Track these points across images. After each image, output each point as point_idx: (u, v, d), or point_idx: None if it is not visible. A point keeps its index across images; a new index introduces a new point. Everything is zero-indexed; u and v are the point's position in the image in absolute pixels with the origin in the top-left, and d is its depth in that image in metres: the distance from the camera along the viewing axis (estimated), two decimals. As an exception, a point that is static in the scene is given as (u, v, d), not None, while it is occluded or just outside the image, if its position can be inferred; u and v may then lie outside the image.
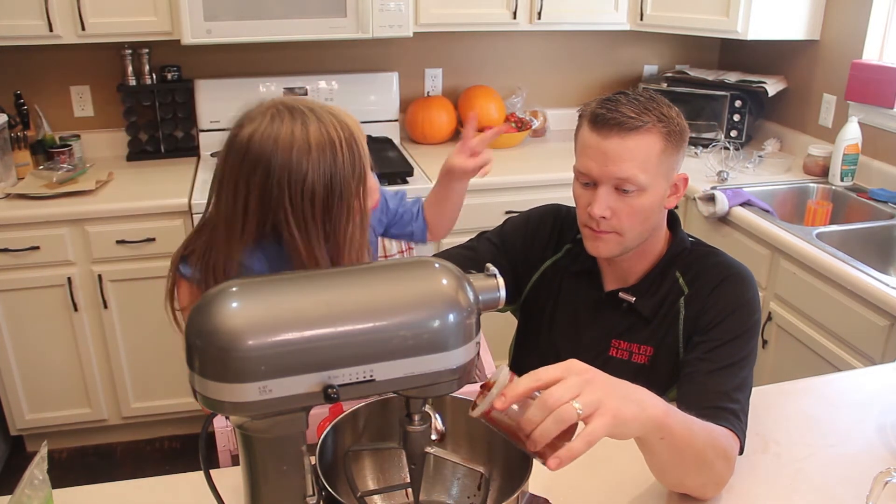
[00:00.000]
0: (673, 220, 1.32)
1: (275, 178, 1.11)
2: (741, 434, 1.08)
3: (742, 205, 2.37)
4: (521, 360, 1.49)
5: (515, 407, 0.79)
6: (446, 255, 1.41)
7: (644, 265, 1.29)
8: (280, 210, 1.13)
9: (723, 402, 1.09)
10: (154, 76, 2.73)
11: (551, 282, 1.38)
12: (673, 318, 1.26)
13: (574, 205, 1.29)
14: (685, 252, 1.29)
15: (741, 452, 1.09)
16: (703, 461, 0.98)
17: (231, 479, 0.85)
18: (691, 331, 1.24)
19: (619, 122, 1.15)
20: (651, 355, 1.28)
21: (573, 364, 0.84)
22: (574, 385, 0.80)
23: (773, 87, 2.84)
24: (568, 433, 0.79)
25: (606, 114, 1.16)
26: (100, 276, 2.39)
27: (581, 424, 0.80)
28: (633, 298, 1.28)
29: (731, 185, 2.53)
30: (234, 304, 0.68)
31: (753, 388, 1.33)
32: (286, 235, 1.15)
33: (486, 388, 0.81)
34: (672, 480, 1.04)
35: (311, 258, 1.15)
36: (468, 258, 1.39)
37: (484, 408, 0.79)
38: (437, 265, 0.76)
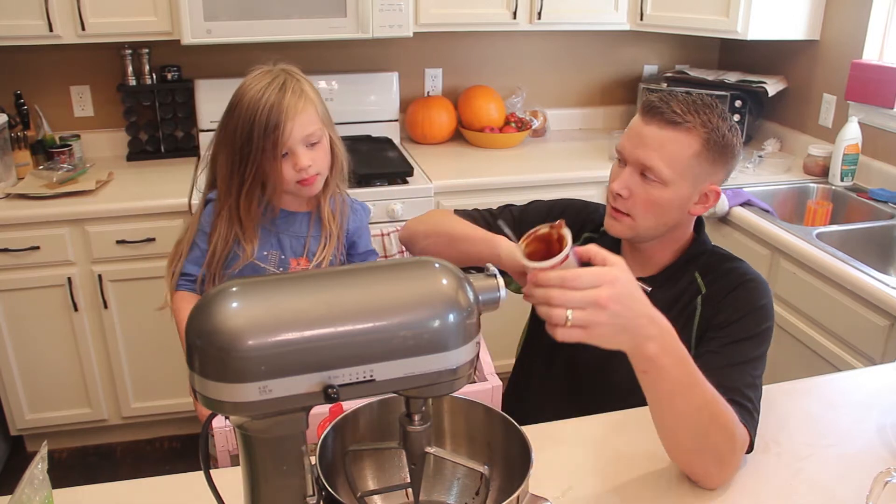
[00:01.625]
0: (699, 223, 1.35)
1: (226, 114, 1.40)
2: (752, 429, 1.08)
3: (742, 205, 2.37)
4: (533, 342, 1.50)
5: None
6: (465, 213, 1.45)
7: (664, 258, 1.32)
8: (218, 141, 1.42)
9: (735, 397, 1.09)
10: (154, 76, 2.73)
11: None
12: (689, 316, 1.27)
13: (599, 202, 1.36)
14: (706, 254, 1.32)
15: (750, 450, 1.09)
16: (697, 422, 0.99)
17: (231, 479, 0.84)
18: (705, 328, 1.25)
19: (662, 113, 1.19)
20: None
21: (608, 276, 0.90)
22: (583, 300, 0.88)
23: (773, 87, 2.84)
24: None
25: (656, 102, 1.20)
26: (100, 276, 2.39)
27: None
28: (650, 288, 1.28)
29: (731, 185, 2.53)
30: (234, 304, 0.68)
31: (753, 388, 1.33)
32: (217, 164, 1.43)
33: (537, 237, 0.95)
34: (669, 437, 1.04)
35: (222, 187, 1.43)
36: (484, 219, 1.44)
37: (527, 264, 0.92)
38: (437, 265, 0.76)
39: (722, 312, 1.23)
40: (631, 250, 1.34)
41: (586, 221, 1.43)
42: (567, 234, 0.92)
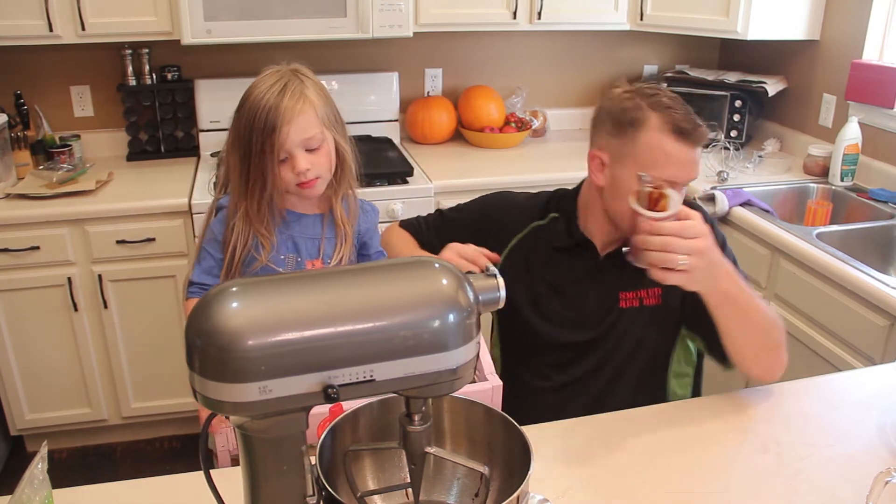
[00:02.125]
0: None
1: (235, 113, 1.40)
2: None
3: (742, 205, 2.37)
4: (508, 340, 1.53)
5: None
6: (408, 224, 1.61)
7: None
8: (230, 139, 1.41)
9: None
10: (154, 76, 2.73)
11: (518, 262, 1.46)
12: None
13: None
14: None
15: None
16: (763, 326, 1.27)
17: (231, 479, 0.85)
18: None
19: (702, 135, 1.30)
20: (661, 293, 1.40)
21: (703, 228, 1.13)
22: (691, 248, 1.11)
23: (773, 87, 2.84)
24: None
25: (692, 128, 1.29)
26: (100, 276, 2.39)
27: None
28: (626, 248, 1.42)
29: (731, 185, 2.53)
30: (234, 304, 0.68)
31: (753, 388, 1.35)
32: (227, 161, 1.43)
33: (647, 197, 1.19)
34: (745, 348, 1.29)
35: (233, 185, 1.42)
36: (422, 228, 1.58)
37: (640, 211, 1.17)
38: (437, 265, 0.76)
39: None
40: (608, 234, 1.43)
41: (551, 204, 1.50)
42: (670, 192, 1.18)
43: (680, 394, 1.48)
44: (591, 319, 1.41)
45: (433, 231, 1.56)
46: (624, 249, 1.31)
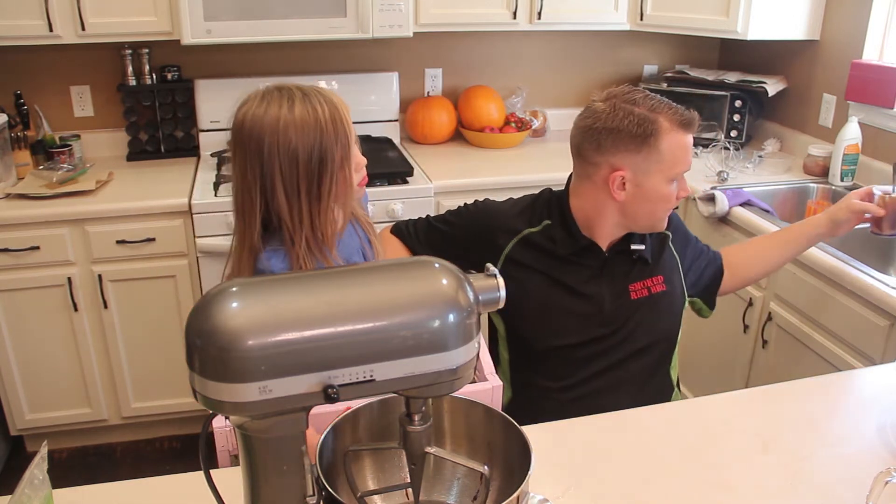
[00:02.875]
0: None
1: (266, 152, 1.19)
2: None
3: (742, 205, 2.37)
4: (519, 346, 1.53)
5: None
6: (398, 231, 1.61)
7: None
8: (272, 178, 1.20)
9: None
10: (154, 76, 2.73)
11: (519, 269, 1.47)
12: (670, 254, 1.54)
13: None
14: None
15: None
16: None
17: (231, 479, 0.85)
18: (688, 256, 1.59)
19: (696, 123, 1.39)
20: (664, 280, 1.50)
21: None
22: None
23: (773, 87, 2.84)
24: None
25: (690, 115, 1.37)
26: (100, 276, 2.39)
27: None
28: (643, 247, 1.49)
29: (731, 185, 2.53)
30: (234, 304, 0.68)
31: (753, 388, 1.36)
32: (276, 203, 1.22)
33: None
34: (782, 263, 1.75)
35: (292, 217, 1.22)
36: (411, 236, 1.58)
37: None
38: (437, 265, 0.76)
39: (681, 241, 1.58)
40: (617, 235, 1.48)
41: (539, 209, 1.52)
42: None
43: (673, 375, 1.58)
44: (609, 314, 1.47)
45: (424, 243, 1.57)
46: (871, 230, 1.74)
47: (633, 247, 1.47)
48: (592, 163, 1.40)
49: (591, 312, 1.47)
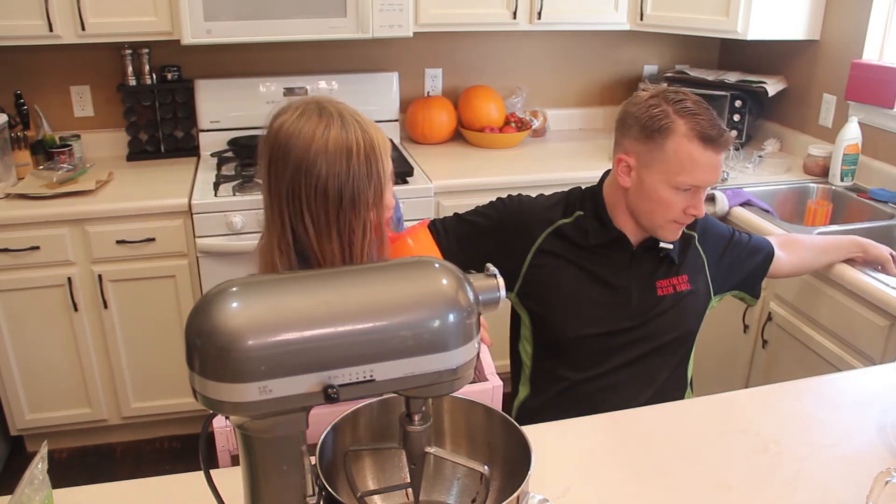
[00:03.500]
0: None
1: (292, 170, 1.12)
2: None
3: (742, 205, 2.37)
4: (546, 337, 1.56)
5: None
6: (433, 229, 1.57)
7: None
8: (298, 203, 1.14)
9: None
10: (154, 76, 2.73)
11: (550, 260, 1.51)
12: (696, 256, 1.56)
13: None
14: None
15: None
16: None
17: (231, 479, 0.85)
18: (719, 255, 1.60)
19: (728, 141, 1.38)
20: (689, 279, 1.53)
21: None
22: None
23: (773, 87, 2.84)
24: None
25: (719, 135, 1.36)
26: (100, 276, 2.39)
27: None
28: (671, 246, 1.51)
29: (731, 185, 2.53)
30: (234, 304, 0.68)
31: (753, 388, 1.36)
32: (301, 230, 1.15)
33: None
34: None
35: (323, 256, 1.16)
36: (441, 234, 1.57)
37: None
38: (437, 265, 0.76)
39: (712, 242, 1.60)
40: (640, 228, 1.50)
41: (573, 202, 1.54)
42: None
43: (689, 374, 1.61)
44: (637, 307, 1.50)
45: (453, 239, 1.56)
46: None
47: (662, 245, 1.50)
48: (616, 143, 1.46)
49: (620, 304, 1.49)
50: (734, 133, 2.88)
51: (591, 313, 1.50)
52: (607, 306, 1.50)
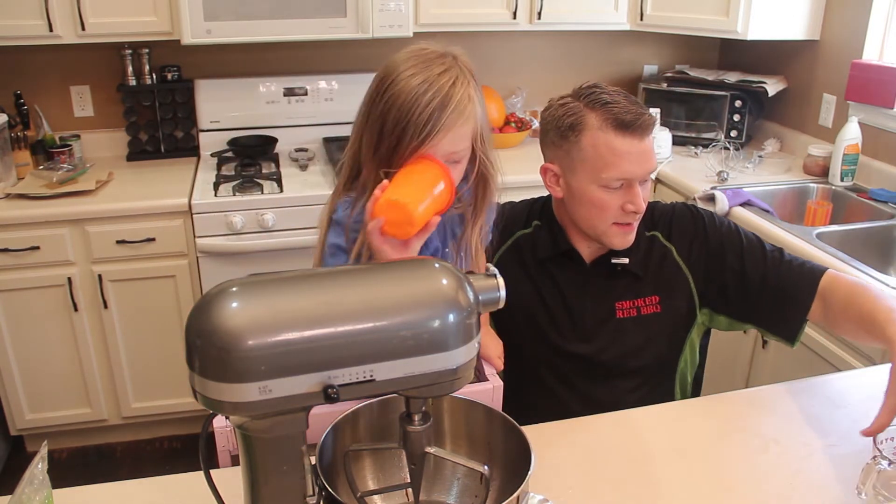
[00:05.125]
0: None
1: (372, 97, 1.15)
2: (817, 268, 1.33)
3: (742, 205, 2.37)
4: (513, 355, 1.46)
5: None
6: None
7: None
8: (368, 117, 1.15)
9: (793, 272, 1.34)
10: (154, 76, 2.73)
11: (509, 272, 1.38)
12: (675, 265, 1.39)
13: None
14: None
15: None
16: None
17: (231, 479, 0.85)
18: (701, 265, 1.39)
19: (649, 123, 1.25)
20: (660, 301, 1.38)
21: None
22: None
23: (773, 87, 2.84)
24: None
25: (635, 119, 1.23)
26: (100, 276, 2.39)
27: None
28: (627, 260, 1.37)
29: (731, 185, 2.53)
30: (234, 304, 0.68)
31: (753, 388, 1.35)
32: (361, 148, 1.16)
33: None
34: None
35: (368, 174, 1.15)
36: None
37: None
38: (437, 265, 0.76)
39: (699, 246, 1.39)
40: (599, 245, 1.37)
41: (516, 222, 1.46)
42: None
43: (680, 397, 1.48)
44: (590, 330, 1.38)
45: None
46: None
47: (614, 260, 1.36)
48: (542, 154, 1.38)
49: (570, 326, 1.38)
50: (656, 111, 2.78)
51: (542, 334, 1.39)
52: (557, 328, 1.39)
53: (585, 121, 1.25)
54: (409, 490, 0.86)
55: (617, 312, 1.37)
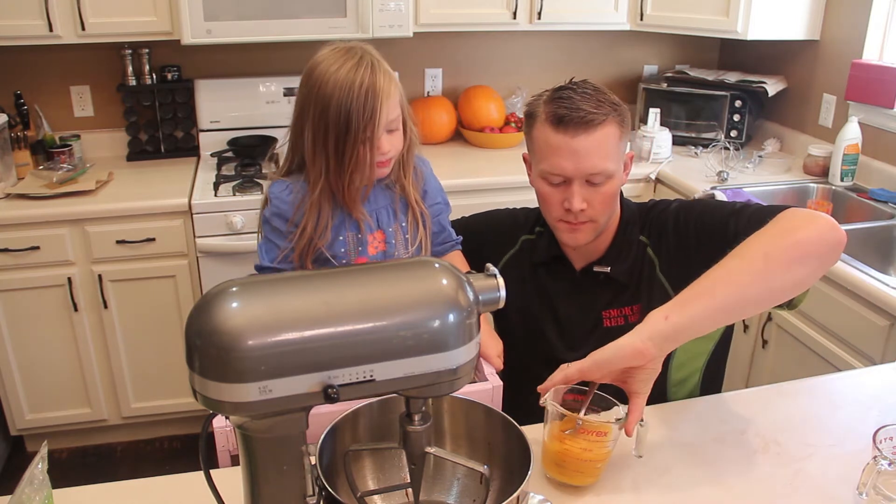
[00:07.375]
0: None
1: (307, 88, 1.28)
2: (768, 206, 1.22)
3: (742, 205, 2.37)
4: (513, 356, 1.44)
5: None
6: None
7: (607, 237, 1.36)
8: (306, 117, 1.30)
9: (740, 222, 1.22)
10: (154, 76, 2.73)
11: (513, 277, 1.38)
12: (650, 271, 1.33)
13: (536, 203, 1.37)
14: (635, 214, 1.38)
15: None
16: (761, 280, 1.07)
17: (231, 479, 0.84)
18: (670, 262, 1.32)
19: (586, 120, 1.21)
20: (642, 309, 1.32)
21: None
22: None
23: (773, 87, 2.84)
24: None
25: (570, 113, 1.21)
26: (100, 276, 2.39)
27: None
28: (609, 268, 1.34)
29: (731, 185, 2.53)
30: (234, 304, 0.68)
31: (753, 389, 1.35)
32: (303, 143, 1.31)
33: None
34: (766, 301, 1.13)
35: (313, 165, 1.31)
36: None
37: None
38: (437, 265, 0.76)
39: (667, 237, 1.33)
40: (574, 248, 1.36)
41: (517, 228, 1.47)
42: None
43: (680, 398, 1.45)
44: (577, 339, 1.36)
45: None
46: None
47: (596, 268, 1.34)
48: None
49: (558, 334, 1.38)
50: (656, 111, 2.78)
51: (533, 341, 1.38)
52: (547, 336, 1.38)
53: (537, 112, 1.27)
54: (409, 490, 0.86)
55: (604, 321, 1.35)
